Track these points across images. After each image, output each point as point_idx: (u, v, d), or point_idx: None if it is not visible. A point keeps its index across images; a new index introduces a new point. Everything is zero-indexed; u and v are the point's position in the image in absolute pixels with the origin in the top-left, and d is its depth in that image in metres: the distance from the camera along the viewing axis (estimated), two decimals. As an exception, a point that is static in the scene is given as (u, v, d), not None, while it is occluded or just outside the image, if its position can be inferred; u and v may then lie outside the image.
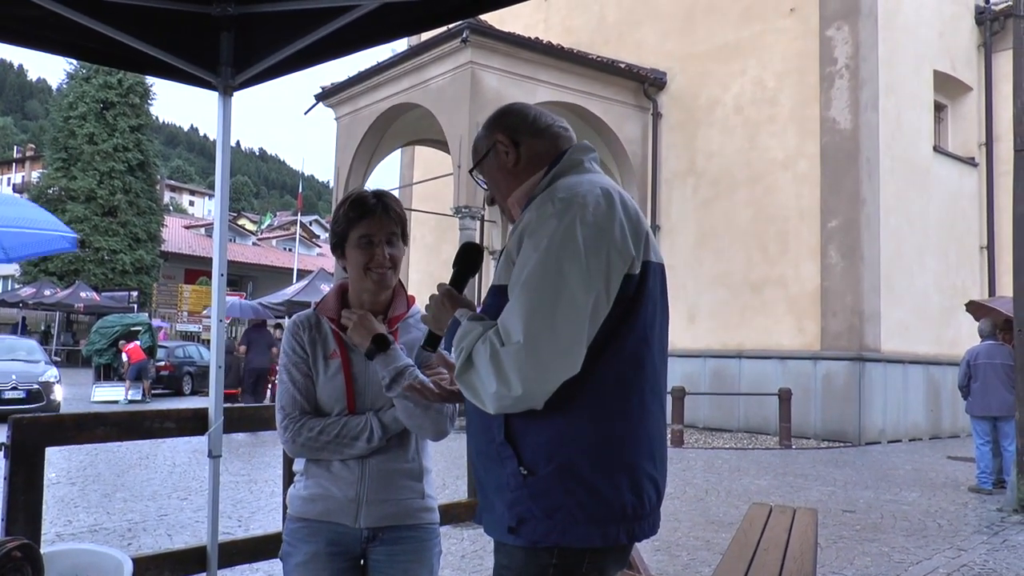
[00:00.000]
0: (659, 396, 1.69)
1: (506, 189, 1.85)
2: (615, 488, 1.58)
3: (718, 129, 15.42)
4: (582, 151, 1.81)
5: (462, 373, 1.61)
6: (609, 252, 1.57)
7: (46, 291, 30.40)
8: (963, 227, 15.79)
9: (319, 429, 2.04)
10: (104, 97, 34.95)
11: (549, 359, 1.51)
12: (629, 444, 1.61)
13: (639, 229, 1.66)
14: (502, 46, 14.20)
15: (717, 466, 10.25)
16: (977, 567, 5.58)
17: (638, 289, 1.63)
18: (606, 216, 1.60)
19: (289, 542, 2.11)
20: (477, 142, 1.91)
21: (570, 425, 1.57)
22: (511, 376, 1.51)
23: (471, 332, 1.62)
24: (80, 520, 6.56)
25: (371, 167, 17.39)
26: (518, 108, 1.89)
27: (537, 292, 1.53)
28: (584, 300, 1.53)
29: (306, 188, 46.40)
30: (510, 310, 1.56)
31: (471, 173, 1.94)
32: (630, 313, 1.62)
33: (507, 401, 1.54)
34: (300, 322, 2.17)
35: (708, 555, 5.67)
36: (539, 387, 1.52)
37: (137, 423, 2.82)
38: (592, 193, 1.63)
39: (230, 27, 2.88)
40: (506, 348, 1.52)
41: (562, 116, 4.47)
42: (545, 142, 1.83)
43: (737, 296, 14.81)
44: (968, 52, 16.29)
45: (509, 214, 1.87)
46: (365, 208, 2.12)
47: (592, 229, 1.58)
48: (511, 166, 1.83)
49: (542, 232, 1.58)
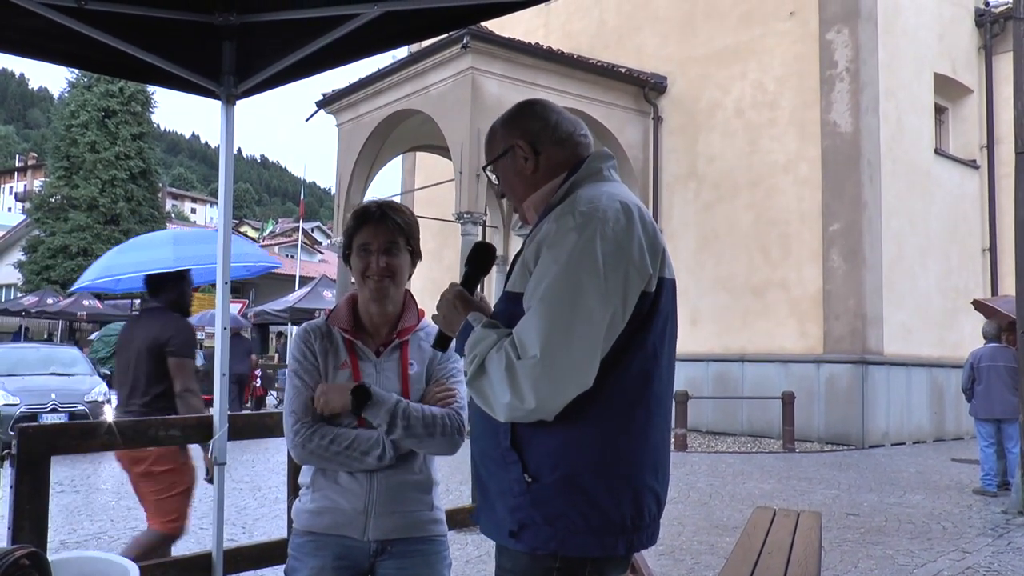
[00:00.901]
0: (665, 409, 1.70)
1: (522, 193, 1.84)
2: (616, 500, 1.59)
3: (719, 133, 15.42)
4: (601, 159, 1.80)
5: (474, 380, 1.62)
6: (628, 269, 1.58)
7: (48, 299, 30.38)
8: (965, 229, 15.78)
9: (330, 438, 2.03)
10: (106, 105, 34.99)
11: (564, 375, 1.52)
12: (633, 457, 1.62)
13: (656, 245, 1.67)
14: (502, 52, 14.23)
15: (721, 470, 10.24)
16: (982, 570, 5.57)
17: (652, 306, 1.64)
18: (626, 232, 1.61)
19: (295, 556, 2.09)
20: (492, 138, 1.88)
21: (576, 436, 1.58)
22: (525, 389, 1.53)
23: (485, 339, 1.62)
24: (85, 528, 6.57)
25: (373, 173, 17.41)
26: (540, 112, 1.85)
27: (555, 307, 1.54)
28: (601, 317, 1.54)
29: (308, 195, 46.46)
30: (527, 323, 1.56)
31: (484, 169, 1.92)
32: (641, 329, 1.63)
33: (519, 413, 1.56)
34: (311, 330, 2.17)
35: (712, 559, 5.66)
36: (552, 402, 1.54)
37: (142, 431, 2.83)
38: (612, 208, 1.63)
39: (232, 36, 2.89)
40: (522, 361, 1.53)
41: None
42: (566, 151, 1.81)
43: (739, 300, 14.80)
44: (968, 54, 16.29)
45: (523, 216, 1.87)
46: (365, 216, 2.14)
47: (612, 245, 1.58)
48: (529, 173, 1.81)
49: (562, 245, 1.59)
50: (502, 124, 1.87)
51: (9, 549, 1.79)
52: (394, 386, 2.11)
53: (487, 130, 1.92)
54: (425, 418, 2.05)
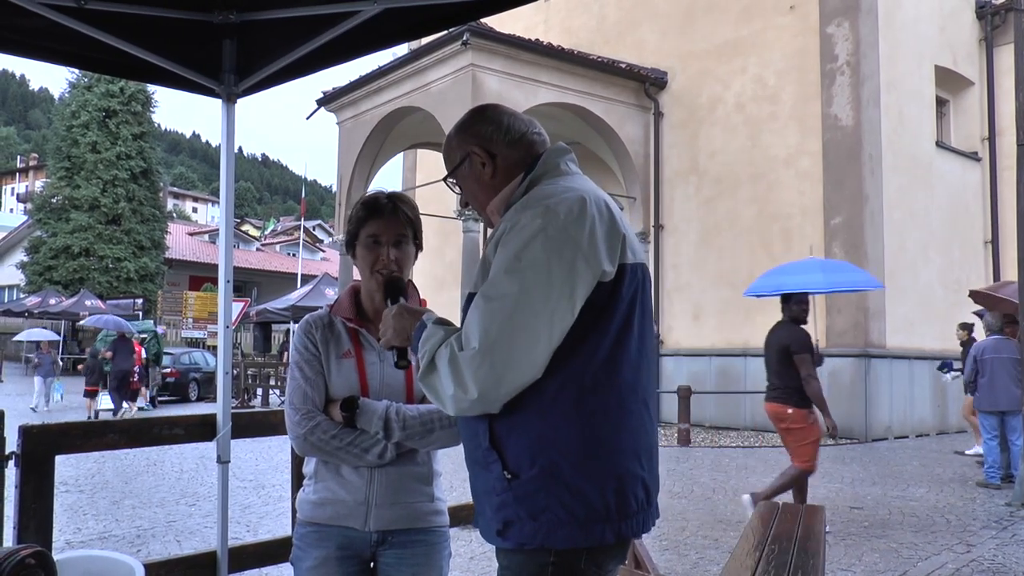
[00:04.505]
0: (640, 396, 1.69)
1: (484, 199, 1.86)
2: (599, 489, 1.60)
3: (720, 127, 15.41)
4: (558, 154, 1.82)
5: (425, 376, 1.66)
6: (575, 260, 1.59)
7: (51, 300, 30.47)
8: (967, 222, 15.76)
9: (332, 433, 2.04)
10: (106, 105, 35.01)
11: (504, 365, 1.55)
12: (611, 445, 1.62)
13: (615, 233, 1.67)
14: (502, 48, 14.21)
15: (724, 464, 10.25)
16: (986, 562, 5.57)
17: (611, 293, 1.64)
18: (576, 223, 1.62)
19: (299, 546, 2.12)
20: (449, 148, 1.90)
21: (551, 428, 1.60)
22: (468, 380, 1.56)
23: (434, 336, 1.67)
24: (89, 527, 6.59)
25: (374, 171, 17.42)
26: (491, 116, 1.87)
27: (497, 300, 1.58)
28: (543, 308, 1.56)
29: (309, 193, 46.37)
30: (471, 316, 1.61)
31: (445, 180, 1.94)
32: (602, 317, 1.63)
33: (464, 404, 1.60)
34: (312, 321, 2.18)
35: (716, 554, 5.67)
36: (494, 391, 1.57)
37: (145, 430, 2.83)
38: (565, 201, 1.65)
39: (232, 34, 2.90)
40: (464, 353, 1.57)
41: (563, 117, 4.46)
42: (520, 151, 1.83)
43: (741, 294, 14.78)
44: (969, 47, 16.26)
45: (488, 222, 1.89)
46: (376, 208, 2.15)
47: (558, 236, 1.60)
48: (488, 179, 1.83)
49: (512, 241, 1.62)
50: (456, 133, 1.89)
51: (15, 548, 1.80)
52: (397, 376, 2.12)
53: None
54: (421, 415, 2.06)
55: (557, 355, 1.59)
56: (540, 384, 1.59)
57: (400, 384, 2.13)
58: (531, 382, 1.58)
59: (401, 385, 2.13)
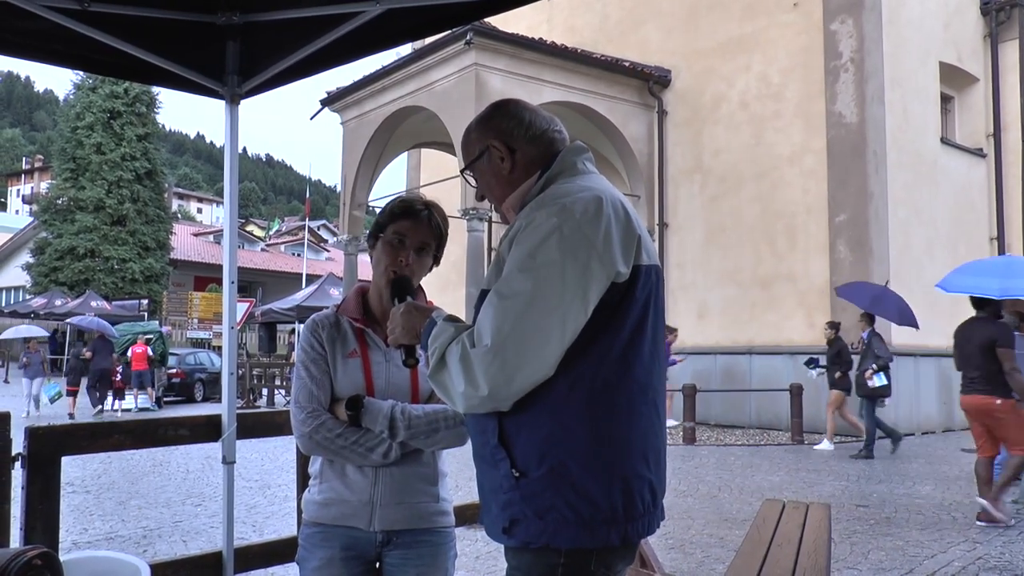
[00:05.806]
0: (650, 397, 1.69)
1: (500, 194, 1.86)
2: (605, 490, 1.60)
3: (724, 125, 15.39)
4: (575, 152, 1.82)
5: (435, 372, 1.65)
6: (589, 260, 1.59)
7: (57, 301, 30.54)
8: (972, 218, 15.71)
9: (337, 432, 2.04)
10: (111, 107, 35.07)
11: (515, 363, 1.55)
12: (619, 446, 1.62)
13: (630, 233, 1.67)
14: (506, 47, 14.21)
15: (729, 463, 10.24)
16: (993, 559, 5.55)
17: (625, 294, 1.64)
18: (591, 224, 1.61)
19: (305, 547, 2.12)
20: (468, 140, 1.90)
21: (560, 428, 1.59)
22: (478, 377, 1.56)
23: (444, 333, 1.67)
24: (96, 528, 6.60)
25: (378, 171, 17.43)
26: (513, 111, 1.87)
27: (511, 298, 1.57)
28: (556, 307, 1.56)
29: (313, 193, 46.50)
30: (484, 313, 1.60)
31: (462, 173, 1.94)
32: (615, 317, 1.63)
33: (474, 401, 1.60)
34: (319, 321, 2.18)
35: (722, 552, 5.66)
36: (505, 389, 1.57)
37: (151, 430, 2.83)
38: (581, 200, 1.64)
39: (235, 36, 2.90)
40: (475, 350, 1.57)
41: (567, 116, 4.43)
42: (540, 148, 1.82)
43: (746, 292, 14.78)
44: (974, 43, 16.21)
45: (503, 217, 1.89)
46: (410, 209, 2.15)
47: (573, 236, 1.59)
48: (506, 173, 1.83)
49: (527, 240, 1.61)
50: (476, 126, 1.89)
51: (22, 549, 1.81)
52: (403, 376, 2.12)
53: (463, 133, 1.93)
54: (427, 415, 2.05)
55: (569, 354, 1.58)
56: (551, 383, 1.59)
57: (406, 384, 2.13)
58: (542, 381, 1.58)
59: (407, 385, 2.13)
